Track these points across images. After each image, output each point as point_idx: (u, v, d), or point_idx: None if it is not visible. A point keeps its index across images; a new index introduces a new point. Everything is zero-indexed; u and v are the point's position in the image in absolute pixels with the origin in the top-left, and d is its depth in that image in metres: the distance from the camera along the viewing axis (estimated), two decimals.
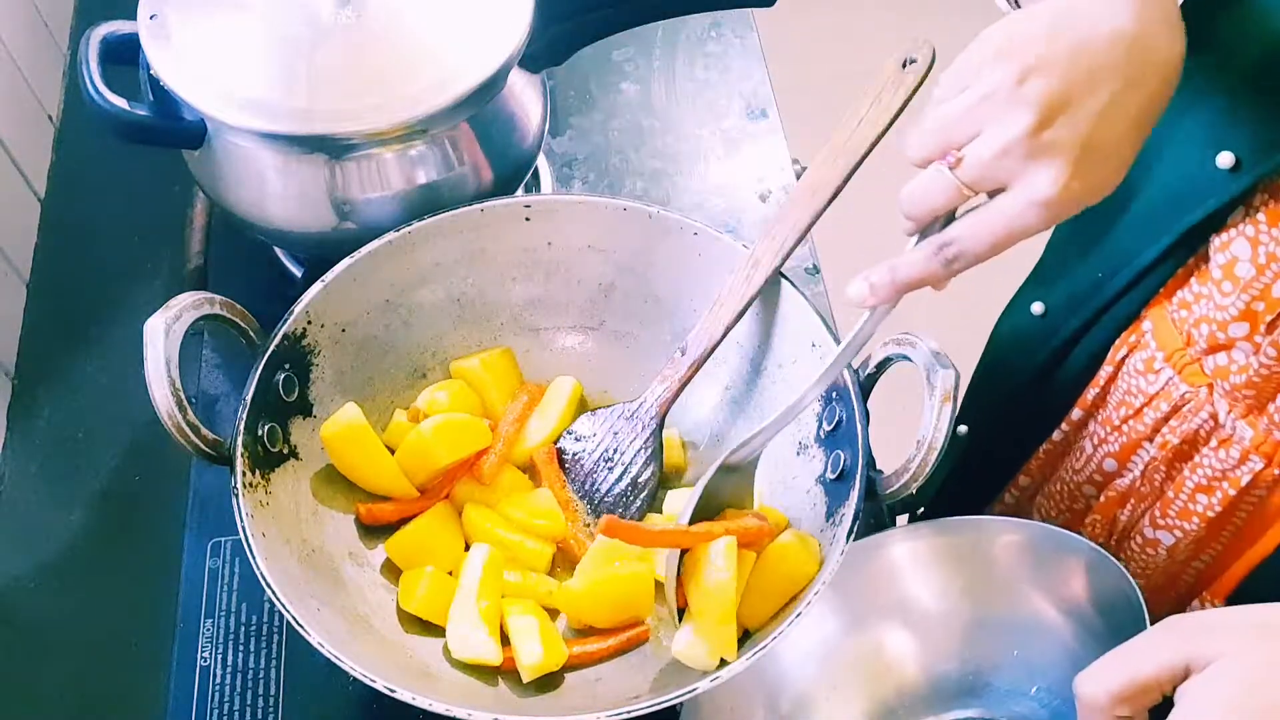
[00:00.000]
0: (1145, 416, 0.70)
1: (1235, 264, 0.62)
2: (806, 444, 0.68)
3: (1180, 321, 0.67)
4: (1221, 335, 0.63)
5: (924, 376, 0.60)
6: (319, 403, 0.70)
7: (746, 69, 1.00)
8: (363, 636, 0.62)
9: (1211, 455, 0.67)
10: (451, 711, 0.55)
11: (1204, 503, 0.69)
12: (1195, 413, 0.67)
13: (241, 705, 0.68)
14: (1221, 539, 0.71)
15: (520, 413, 0.73)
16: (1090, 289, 0.72)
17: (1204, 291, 0.65)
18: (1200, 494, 0.69)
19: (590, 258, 0.75)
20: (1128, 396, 0.71)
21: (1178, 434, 0.68)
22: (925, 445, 0.59)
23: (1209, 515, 0.69)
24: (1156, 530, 0.72)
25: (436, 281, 0.74)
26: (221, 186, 0.74)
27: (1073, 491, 0.78)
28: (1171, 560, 0.73)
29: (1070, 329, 0.74)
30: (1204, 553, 0.72)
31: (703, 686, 0.56)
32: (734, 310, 0.69)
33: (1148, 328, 0.69)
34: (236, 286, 0.73)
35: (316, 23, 0.71)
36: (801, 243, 0.68)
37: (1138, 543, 0.74)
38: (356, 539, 0.69)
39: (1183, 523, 0.70)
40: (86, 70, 0.69)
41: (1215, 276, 0.63)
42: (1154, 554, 0.73)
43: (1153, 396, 0.69)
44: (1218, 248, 0.63)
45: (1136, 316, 0.70)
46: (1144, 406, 0.70)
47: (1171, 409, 0.68)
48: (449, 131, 0.72)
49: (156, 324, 0.60)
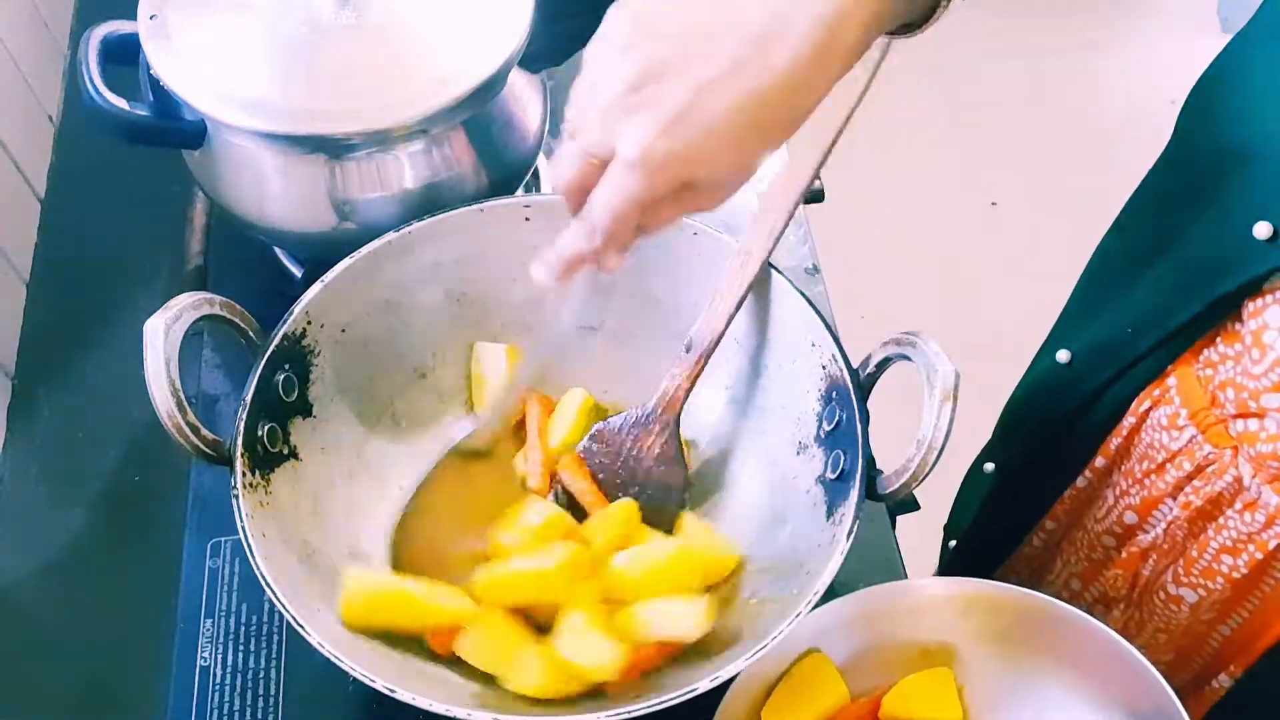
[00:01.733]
0: (1167, 473, 0.69)
1: (1265, 331, 0.61)
2: (806, 444, 0.68)
3: (1205, 380, 0.66)
4: (1253, 404, 0.62)
5: (924, 376, 0.60)
6: (319, 403, 0.70)
7: None
8: (363, 636, 0.62)
9: (1236, 518, 0.66)
10: (451, 711, 0.55)
11: (1229, 563, 0.67)
12: (1219, 475, 0.66)
13: (241, 705, 0.68)
14: (1250, 603, 0.69)
15: (542, 423, 0.73)
16: (1117, 342, 0.71)
17: (1230, 353, 0.64)
18: (1225, 554, 0.67)
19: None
20: (1150, 450, 0.70)
21: (1201, 495, 0.67)
22: (925, 445, 0.59)
23: (1235, 576, 0.67)
24: (1180, 587, 0.71)
25: (436, 281, 0.74)
26: (221, 186, 0.74)
27: (1093, 541, 0.77)
28: (1195, 619, 0.72)
29: (1097, 380, 0.73)
30: (1231, 615, 0.71)
31: (703, 686, 0.56)
32: (734, 301, 0.69)
33: (1173, 383, 0.68)
34: (236, 286, 0.73)
35: (316, 23, 0.71)
36: (789, 228, 0.68)
37: (1160, 598, 0.73)
38: (357, 539, 0.69)
39: (1206, 581, 0.69)
40: (86, 70, 0.69)
41: (1245, 341, 0.62)
42: (1177, 610, 0.72)
43: (1175, 453, 0.68)
44: (1250, 313, 0.62)
45: (1162, 372, 0.69)
46: (1166, 462, 0.69)
47: (1195, 469, 0.67)
48: (449, 131, 0.72)
49: (156, 324, 0.60)
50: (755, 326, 0.72)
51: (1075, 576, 0.80)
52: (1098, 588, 0.78)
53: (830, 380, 0.66)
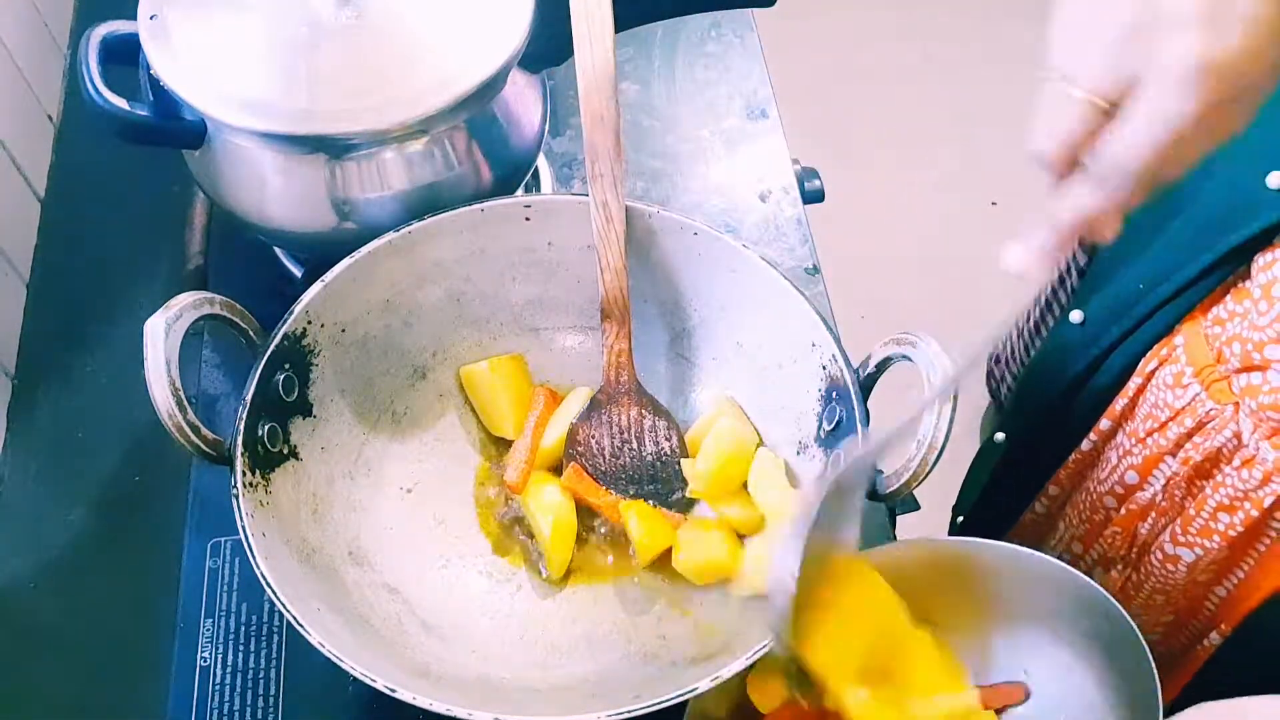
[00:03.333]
0: (1169, 431, 0.69)
1: (1275, 284, 0.61)
2: (806, 444, 0.68)
3: (1213, 338, 0.66)
4: (1257, 356, 0.62)
5: (924, 376, 0.60)
6: (319, 403, 0.70)
7: (746, 69, 1.00)
8: (362, 636, 0.62)
9: (1234, 474, 0.66)
10: (452, 711, 0.55)
11: (1225, 521, 0.68)
12: (1219, 430, 0.66)
13: (241, 705, 0.68)
14: (1245, 564, 0.70)
15: (541, 417, 0.74)
16: (1129, 300, 0.72)
17: (1240, 309, 0.64)
18: (1222, 513, 0.68)
19: (590, 258, 0.75)
20: (1154, 409, 0.70)
21: (1200, 450, 0.67)
22: (925, 445, 0.59)
23: (1230, 534, 0.68)
24: (1177, 546, 0.71)
25: (436, 281, 0.74)
26: (221, 186, 0.74)
27: (1094, 503, 0.78)
28: (1192, 579, 0.72)
29: (1108, 339, 0.73)
30: (1227, 577, 0.71)
31: (703, 686, 0.56)
32: (619, 254, 0.70)
33: (1180, 342, 0.68)
34: (236, 286, 0.73)
35: (316, 23, 0.71)
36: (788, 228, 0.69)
37: (1158, 558, 0.73)
38: (357, 539, 0.69)
39: (1203, 540, 0.69)
40: (86, 70, 0.69)
41: (1254, 295, 0.62)
42: (1174, 570, 0.72)
43: (1178, 411, 0.68)
44: (1260, 267, 0.62)
45: (1171, 330, 0.69)
46: (1169, 421, 0.69)
47: (1195, 425, 0.67)
48: (449, 131, 0.72)
49: (156, 324, 0.60)
50: (755, 326, 0.72)
51: (1076, 539, 0.81)
52: (1098, 549, 0.78)
53: (830, 380, 0.67)
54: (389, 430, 0.74)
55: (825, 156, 1.08)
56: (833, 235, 0.86)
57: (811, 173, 0.95)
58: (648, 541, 0.69)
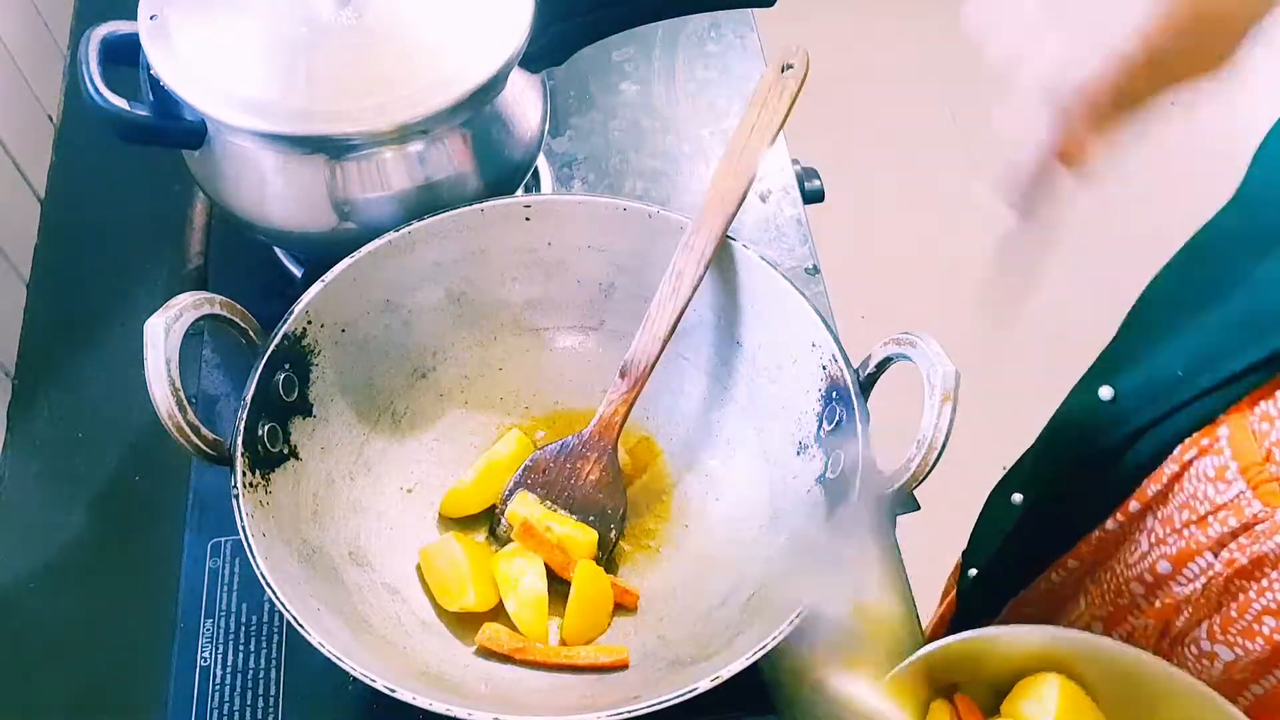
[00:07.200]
0: (1210, 527, 0.66)
1: None
2: (806, 444, 0.68)
3: (1261, 435, 0.63)
4: None
5: (924, 376, 0.60)
6: (319, 403, 0.70)
7: (746, 69, 1.00)
8: (363, 636, 0.62)
9: None
10: (451, 711, 0.55)
11: (1271, 625, 0.65)
12: (1269, 535, 0.63)
13: (241, 705, 0.68)
14: None
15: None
16: (1167, 385, 0.69)
17: None
18: (1268, 616, 0.65)
19: (590, 258, 0.75)
20: (1192, 500, 0.67)
21: (1246, 553, 0.64)
22: (925, 445, 0.60)
23: (1276, 639, 0.65)
24: (1214, 644, 0.68)
25: (436, 281, 0.74)
26: (221, 186, 0.74)
27: (1120, 586, 0.75)
28: (1228, 677, 0.69)
29: (1140, 420, 0.70)
30: (1267, 675, 0.68)
31: (703, 686, 0.56)
32: (667, 325, 0.69)
33: (1224, 433, 0.65)
34: (236, 286, 0.73)
35: (316, 23, 0.71)
36: (789, 228, 0.68)
37: (1193, 652, 0.70)
38: (357, 539, 0.69)
39: (1245, 641, 0.66)
40: (86, 70, 0.69)
41: None
42: (1209, 665, 0.69)
43: (1220, 506, 0.65)
44: None
45: (1213, 419, 0.66)
46: (1209, 514, 0.66)
47: (1241, 526, 0.64)
48: (449, 132, 0.72)
49: (156, 324, 0.60)
50: (755, 327, 0.72)
51: (1097, 620, 0.78)
52: (1122, 633, 0.76)
53: (830, 380, 0.67)
54: (389, 430, 0.74)
55: (825, 156, 1.08)
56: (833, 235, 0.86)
57: (811, 173, 0.95)
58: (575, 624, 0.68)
